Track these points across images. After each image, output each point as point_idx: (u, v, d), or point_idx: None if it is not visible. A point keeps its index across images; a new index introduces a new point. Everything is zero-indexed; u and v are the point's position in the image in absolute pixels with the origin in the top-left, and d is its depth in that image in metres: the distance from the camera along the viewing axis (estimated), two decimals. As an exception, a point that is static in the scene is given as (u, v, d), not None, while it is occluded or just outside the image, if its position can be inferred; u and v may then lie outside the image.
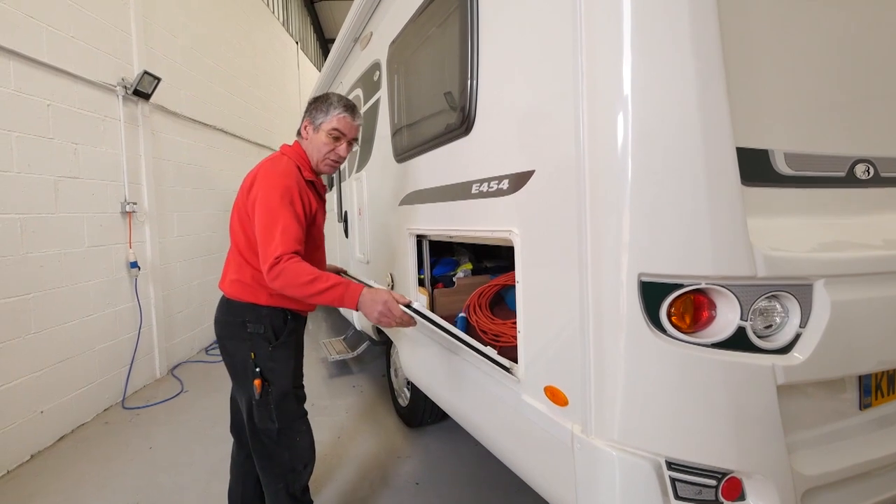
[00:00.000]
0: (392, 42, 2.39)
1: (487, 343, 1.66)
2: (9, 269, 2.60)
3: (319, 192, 1.75)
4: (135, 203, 3.63)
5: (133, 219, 3.65)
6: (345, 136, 1.68)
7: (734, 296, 1.04)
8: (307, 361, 1.84)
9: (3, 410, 2.55)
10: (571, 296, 1.16)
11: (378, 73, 2.67)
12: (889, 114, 1.31)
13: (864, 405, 1.27)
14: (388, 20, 2.47)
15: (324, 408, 3.28)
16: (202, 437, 2.91)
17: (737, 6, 1.09)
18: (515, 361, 1.43)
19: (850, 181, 1.24)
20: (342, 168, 3.75)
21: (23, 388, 2.67)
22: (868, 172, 1.26)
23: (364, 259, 3.06)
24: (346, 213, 3.63)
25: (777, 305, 1.10)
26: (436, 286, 2.30)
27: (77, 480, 2.47)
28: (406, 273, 2.24)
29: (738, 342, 1.05)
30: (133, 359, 3.62)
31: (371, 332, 3.26)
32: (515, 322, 1.44)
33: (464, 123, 1.63)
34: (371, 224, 2.90)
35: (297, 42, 9.18)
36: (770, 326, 1.10)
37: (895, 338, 1.18)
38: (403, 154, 2.26)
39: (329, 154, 1.68)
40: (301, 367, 1.76)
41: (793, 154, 1.17)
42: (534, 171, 1.29)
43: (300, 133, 1.73)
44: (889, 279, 1.18)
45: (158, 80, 3.68)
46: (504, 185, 1.42)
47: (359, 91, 3.15)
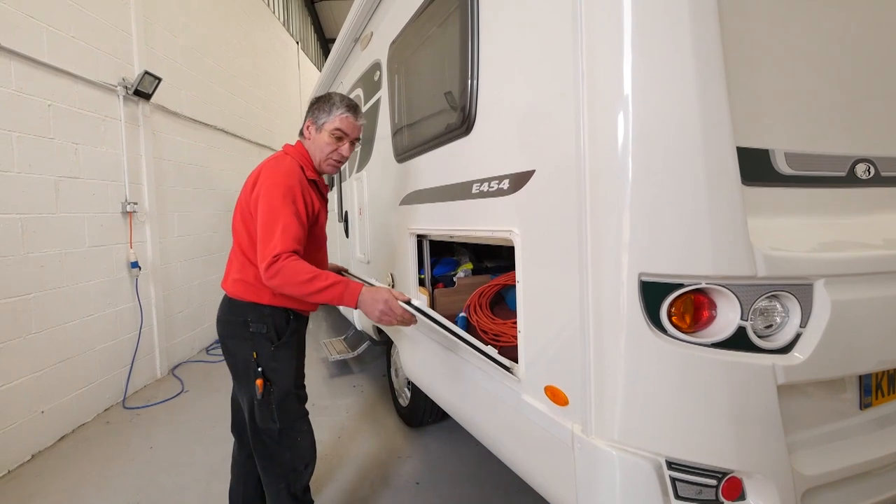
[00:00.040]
0: (392, 42, 2.39)
1: (488, 343, 1.66)
2: (10, 269, 2.61)
3: (322, 192, 1.75)
4: (135, 203, 3.63)
5: (134, 219, 3.65)
6: (347, 136, 1.68)
7: (734, 295, 1.04)
8: (308, 361, 1.84)
9: (4, 410, 2.55)
10: (572, 296, 1.16)
11: (378, 73, 2.67)
12: (889, 113, 1.31)
13: (865, 405, 1.27)
14: (389, 20, 2.47)
15: (324, 408, 3.29)
16: (203, 437, 2.91)
17: (737, 6, 1.09)
18: (516, 361, 1.44)
19: (851, 181, 1.24)
20: (343, 168, 3.73)
21: (23, 388, 2.67)
22: (868, 172, 1.26)
23: (364, 259, 3.06)
24: (347, 213, 3.63)
25: (777, 305, 1.10)
26: (436, 286, 2.30)
27: (78, 480, 2.48)
28: (406, 273, 2.24)
29: (739, 342, 1.05)
30: (134, 359, 3.63)
31: (371, 332, 3.26)
32: (516, 322, 1.44)
33: (464, 123, 1.63)
34: (371, 224, 2.90)
35: (298, 42, 9.18)
36: (770, 326, 1.10)
37: (895, 337, 1.18)
38: (404, 154, 2.26)
39: (332, 154, 1.68)
40: (303, 367, 1.76)
41: (793, 154, 1.17)
42: (534, 171, 1.29)
43: (302, 133, 1.73)
44: (889, 279, 1.18)
45: (159, 80, 3.68)
46: (504, 185, 1.42)
47: (359, 91, 3.15)
